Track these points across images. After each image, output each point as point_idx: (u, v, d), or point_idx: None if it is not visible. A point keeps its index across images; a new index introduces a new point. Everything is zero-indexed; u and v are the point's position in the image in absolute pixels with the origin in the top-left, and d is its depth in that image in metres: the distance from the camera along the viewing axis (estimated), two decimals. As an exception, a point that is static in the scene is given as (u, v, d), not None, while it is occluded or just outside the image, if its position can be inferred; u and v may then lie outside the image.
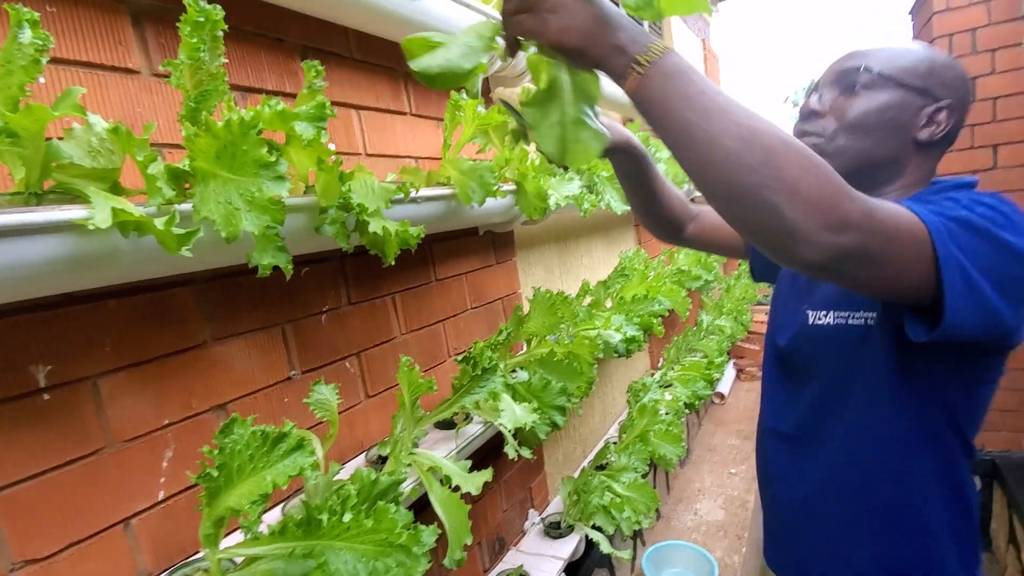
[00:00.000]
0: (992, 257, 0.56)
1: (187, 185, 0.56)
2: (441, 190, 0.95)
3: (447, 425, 1.00)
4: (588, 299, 1.62)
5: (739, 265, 4.58)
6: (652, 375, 2.15)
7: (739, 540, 2.02)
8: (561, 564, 1.21)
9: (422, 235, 0.76)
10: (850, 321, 0.73)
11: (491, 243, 1.37)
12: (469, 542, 0.69)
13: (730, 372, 3.61)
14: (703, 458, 2.72)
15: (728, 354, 3.74)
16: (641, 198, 0.95)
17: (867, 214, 0.50)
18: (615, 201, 1.49)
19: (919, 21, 2.24)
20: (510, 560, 1.28)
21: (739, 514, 2.19)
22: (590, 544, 1.32)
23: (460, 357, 0.91)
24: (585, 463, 1.65)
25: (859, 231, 0.49)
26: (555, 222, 1.76)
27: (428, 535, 0.56)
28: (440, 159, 1.03)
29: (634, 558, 1.96)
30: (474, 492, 0.76)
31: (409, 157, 1.12)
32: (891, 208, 0.54)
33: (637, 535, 2.02)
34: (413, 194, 0.85)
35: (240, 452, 0.55)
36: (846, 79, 0.74)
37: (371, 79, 1.03)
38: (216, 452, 0.55)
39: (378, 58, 1.04)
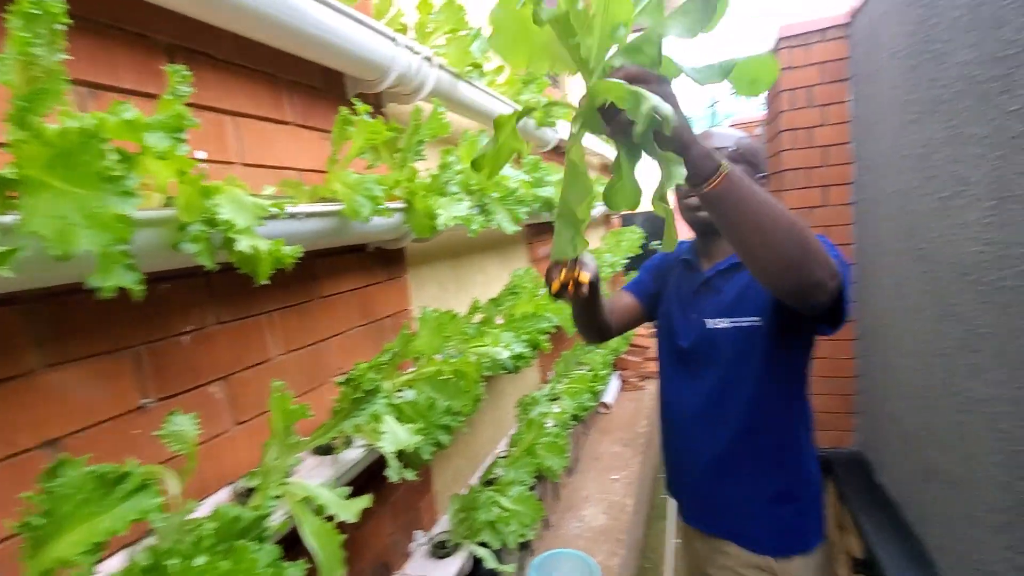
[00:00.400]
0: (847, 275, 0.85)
1: (13, 194, 0.50)
2: (326, 206, 0.92)
3: (327, 451, 0.96)
4: (479, 316, 1.65)
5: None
6: (541, 389, 2.23)
7: (619, 543, 2.15)
8: (446, 584, 1.21)
9: (300, 253, 0.73)
10: (741, 324, 1.02)
11: (381, 259, 1.35)
12: (341, 574, 0.66)
13: (615, 383, 3.83)
14: (589, 466, 2.85)
15: (613, 366, 3.97)
16: (589, 314, 1.10)
17: (833, 262, 0.73)
18: (506, 221, 1.54)
19: (769, 75, 2.58)
20: (394, 585, 1.25)
21: (619, 518, 2.32)
22: (478, 561, 1.33)
23: (341, 379, 0.88)
24: (474, 480, 1.66)
25: (836, 275, 0.74)
26: (448, 240, 1.77)
27: (294, 572, 0.54)
28: (326, 172, 1.00)
29: (522, 568, 2.01)
30: (351, 520, 0.73)
31: (291, 169, 1.07)
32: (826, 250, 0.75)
33: (525, 545, 2.06)
34: (293, 209, 0.81)
35: (70, 496, 0.49)
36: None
37: (249, 85, 0.98)
38: (41, 497, 0.48)
39: (258, 63, 0.99)
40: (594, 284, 0.96)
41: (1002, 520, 1.23)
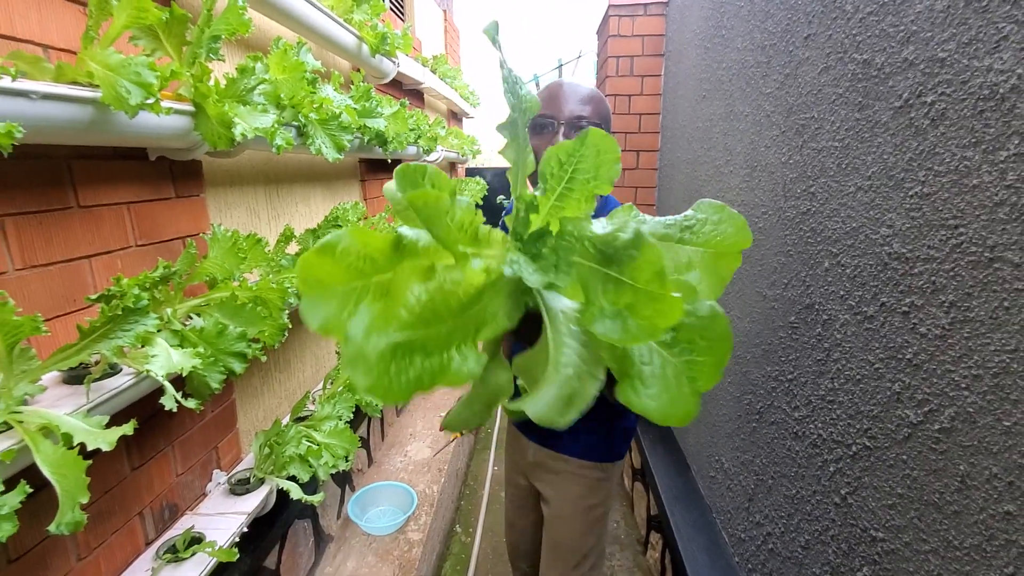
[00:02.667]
0: None
1: None
2: (76, 89, 0.76)
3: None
4: (296, 247, 1.54)
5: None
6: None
7: (440, 472, 2.26)
8: (243, 519, 1.16)
9: (20, 133, 0.59)
10: None
11: (169, 172, 1.17)
12: (85, 500, 0.59)
13: (450, 328, 3.93)
14: (418, 404, 2.93)
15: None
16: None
17: None
18: (327, 147, 1.44)
19: (601, 39, 2.75)
20: (183, 525, 1.16)
21: (443, 451, 2.44)
22: (285, 495, 1.29)
23: (96, 295, 0.76)
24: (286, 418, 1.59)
25: None
26: (265, 162, 1.60)
27: (10, 499, 0.46)
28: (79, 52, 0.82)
29: (342, 503, 2.01)
30: (106, 448, 0.65)
31: (31, 43, 0.86)
32: None
33: (346, 481, 2.07)
34: (22, 85, 0.66)
35: None
36: (576, 126, 1.04)
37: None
38: None
39: None
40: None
41: (733, 427, 1.57)
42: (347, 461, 1.41)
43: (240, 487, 1.28)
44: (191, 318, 1.01)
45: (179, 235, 1.21)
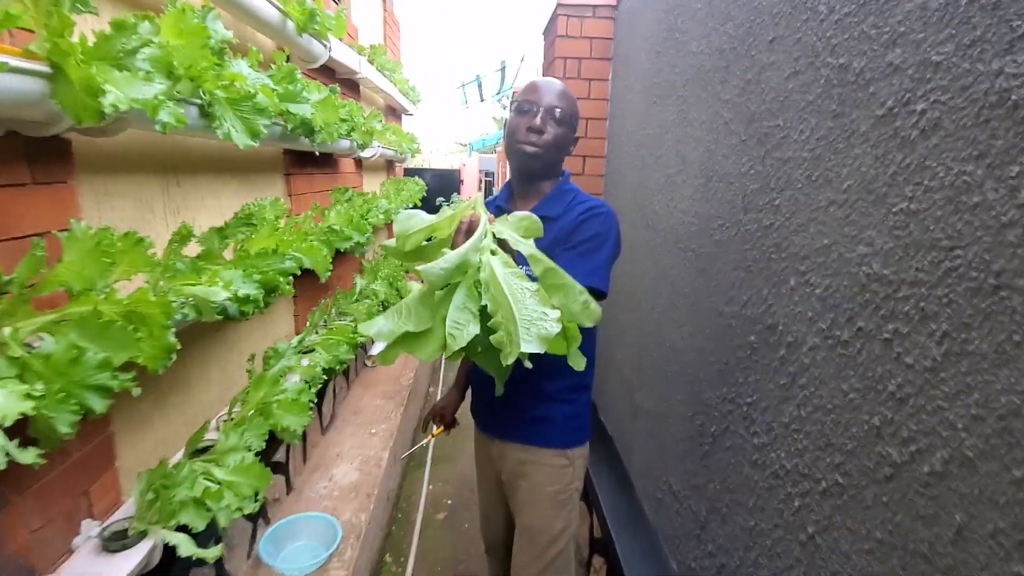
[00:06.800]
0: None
1: None
2: None
3: None
4: (198, 248, 1.32)
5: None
6: (291, 341, 1.96)
7: (369, 498, 2.06)
8: (116, 585, 0.93)
9: None
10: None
11: (22, 151, 0.93)
12: None
13: (384, 336, 3.71)
14: (348, 421, 2.70)
15: (384, 318, 3.84)
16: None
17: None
18: (238, 132, 1.23)
19: (548, 39, 2.66)
20: (32, 597, 0.92)
21: (373, 472, 2.24)
22: (172, 549, 1.07)
23: None
24: (180, 453, 1.35)
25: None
26: (162, 146, 1.36)
27: None
28: None
29: (255, 540, 1.77)
30: None
31: None
32: None
33: (260, 514, 1.83)
34: None
35: None
36: (552, 114, 1.19)
37: None
38: None
39: None
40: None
41: (683, 448, 1.50)
42: (256, 501, 1.21)
43: (115, 542, 1.04)
44: (42, 339, 0.78)
45: (37, 230, 0.97)
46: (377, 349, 3.44)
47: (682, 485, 1.49)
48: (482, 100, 9.15)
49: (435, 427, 1.62)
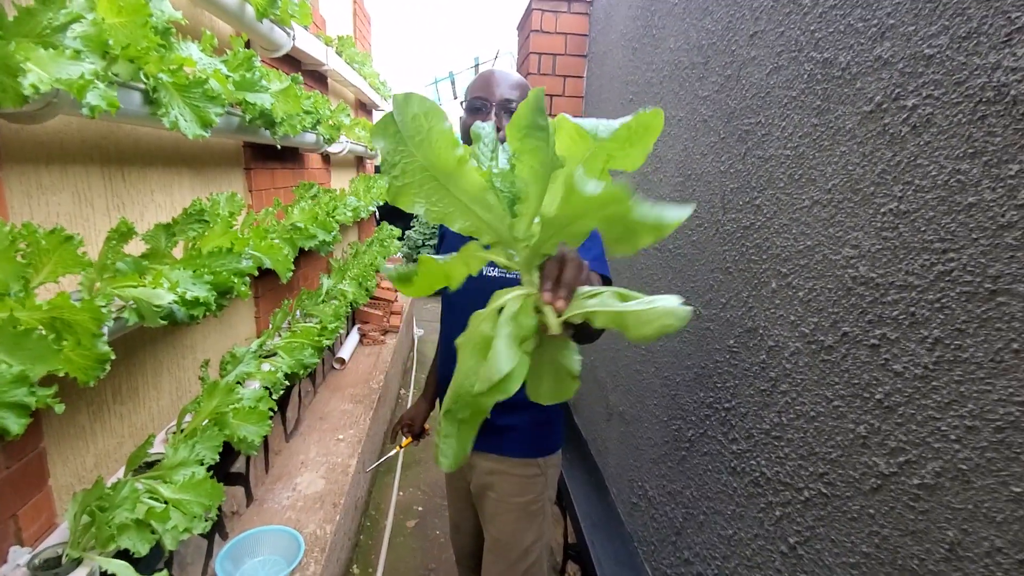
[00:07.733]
0: None
1: None
2: None
3: None
4: (144, 246, 1.21)
5: (374, 231, 4.63)
6: (249, 345, 1.86)
7: (335, 508, 1.97)
8: (41, 622, 0.84)
9: None
10: (507, 276, 1.10)
11: (-69, 138, 0.83)
12: None
13: (354, 337, 3.60)
14: (313, 427, 2.59)
15: (351, 320, 3.72)
16: None
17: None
18: (187, 121, 1.13)
19: (522, 35, 2.61)
20: (-59, 641, 0.82)
21: (339, 481, 2.15)
22: (111, 574, 0.98)
23: None
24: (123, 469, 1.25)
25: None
26: (107, 136, 1.25)
27: None
28: None
29: (211, 557, 1.67)
30: None
31: None
32: None
33: (216, 530, 1.72)
34: None
35: None
36: (507, 107, 1.10)
37: None
38: None
39: None
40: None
41: (659, 452, 1.46)
42: (206, 521, 1.12)
43: (47, 571, 0.94)
44: (-51, 348, 0.69)
45: (-50, 227, 0.86)
46: (346, 352, 3.34)
47: (658, 490, 1.46)
48: (455, 97, 9.05)
49: (404, 438, 1.55)
